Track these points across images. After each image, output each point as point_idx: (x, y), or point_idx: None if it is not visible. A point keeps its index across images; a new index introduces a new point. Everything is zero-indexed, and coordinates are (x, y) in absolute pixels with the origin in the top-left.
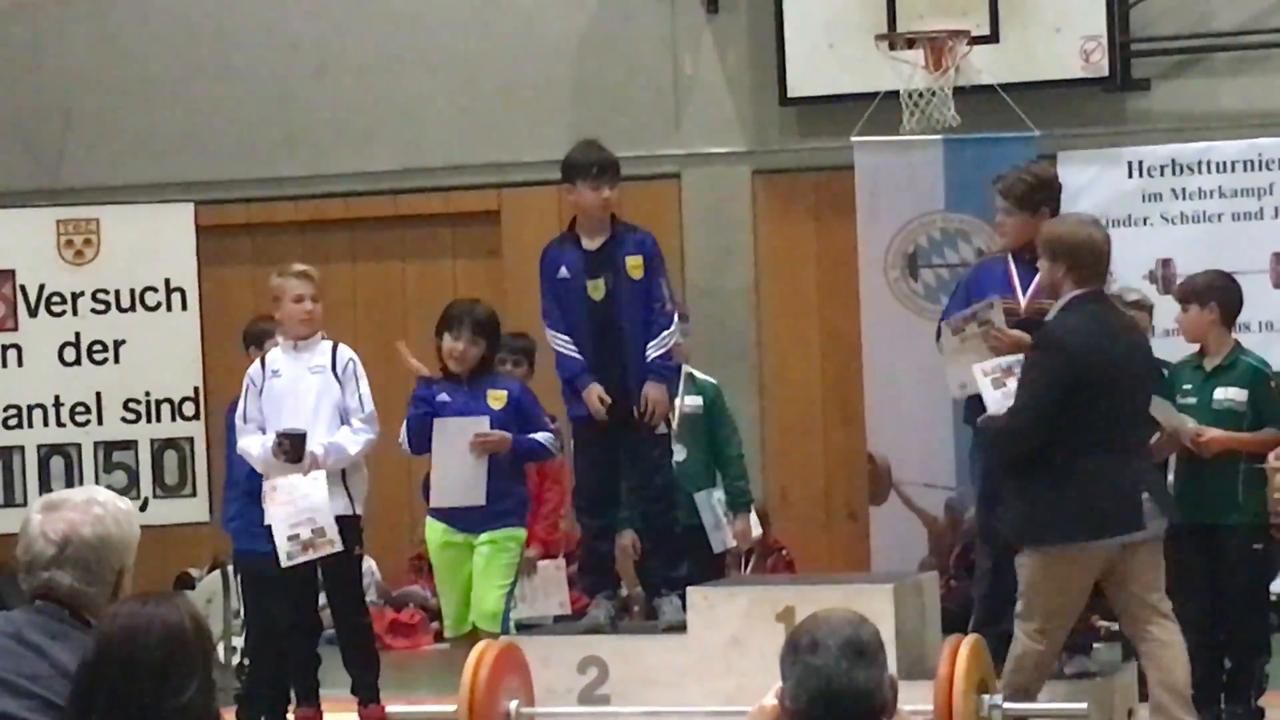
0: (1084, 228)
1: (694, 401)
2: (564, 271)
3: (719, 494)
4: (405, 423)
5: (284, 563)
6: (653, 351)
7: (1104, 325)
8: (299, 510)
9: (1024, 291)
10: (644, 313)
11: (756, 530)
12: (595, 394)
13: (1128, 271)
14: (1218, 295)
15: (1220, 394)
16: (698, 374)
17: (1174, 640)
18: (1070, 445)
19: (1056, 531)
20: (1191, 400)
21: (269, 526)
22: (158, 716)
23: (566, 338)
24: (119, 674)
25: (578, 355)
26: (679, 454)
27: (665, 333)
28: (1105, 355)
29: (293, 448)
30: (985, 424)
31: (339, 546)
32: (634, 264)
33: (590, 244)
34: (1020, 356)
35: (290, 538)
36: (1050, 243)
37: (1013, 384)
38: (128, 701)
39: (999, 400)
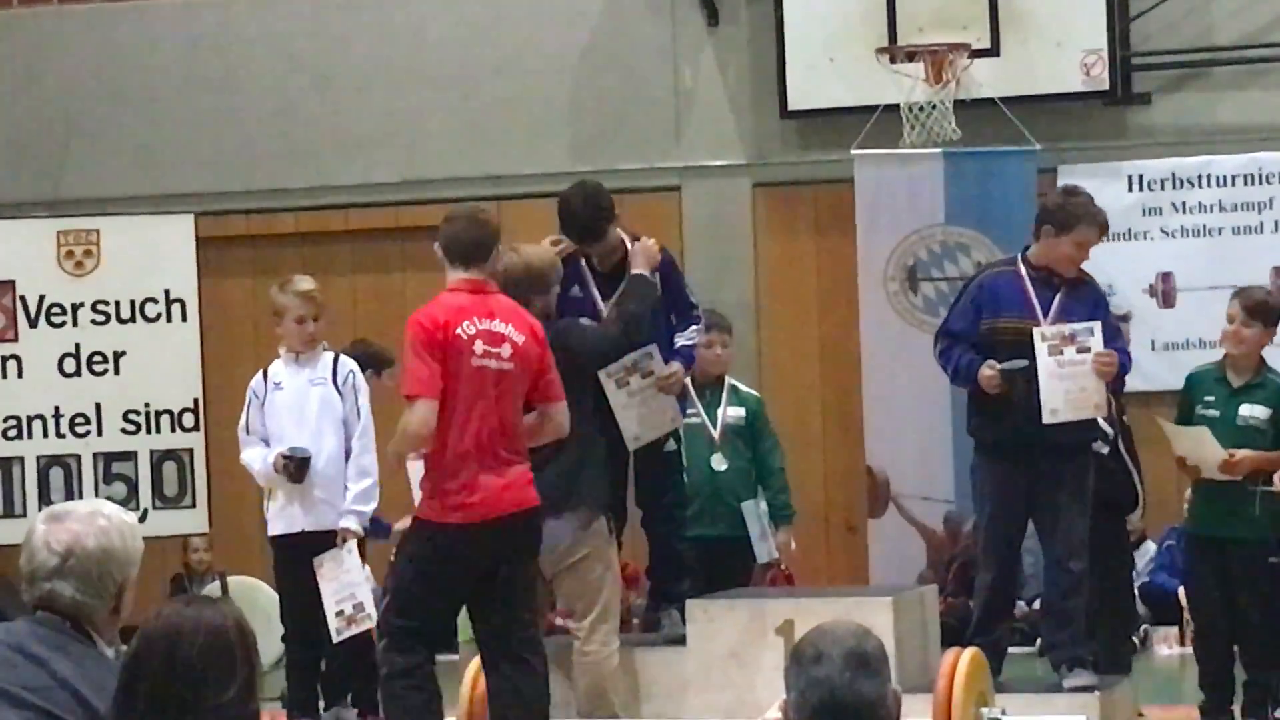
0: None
1: (736, 413)
2: (575, 290)
3: (764, 505)
4: None
5: (335, 639)
6: (680, 340)
7: None
8: (343, 586)
9: (1043, 310)
10: (669, 314)
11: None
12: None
13: (1128, 285)
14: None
15: (1245, 410)
16: (741, 386)
17: None
18: None
19: None
20: (1214, 413)
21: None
22: (196, 715)
23: None
24: (161, 671)
25: None
26: (719, 464)
27: (694, 328)
28: None
29: (297, 470)
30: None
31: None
32: None
33: (604, 265)
34: (1087, 325)
35: (337, 614)
36: None
37: (1070, 353)
38: (167, 698)
39: (1052, 368)
